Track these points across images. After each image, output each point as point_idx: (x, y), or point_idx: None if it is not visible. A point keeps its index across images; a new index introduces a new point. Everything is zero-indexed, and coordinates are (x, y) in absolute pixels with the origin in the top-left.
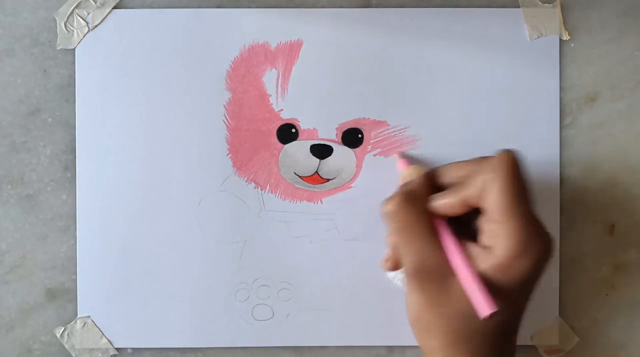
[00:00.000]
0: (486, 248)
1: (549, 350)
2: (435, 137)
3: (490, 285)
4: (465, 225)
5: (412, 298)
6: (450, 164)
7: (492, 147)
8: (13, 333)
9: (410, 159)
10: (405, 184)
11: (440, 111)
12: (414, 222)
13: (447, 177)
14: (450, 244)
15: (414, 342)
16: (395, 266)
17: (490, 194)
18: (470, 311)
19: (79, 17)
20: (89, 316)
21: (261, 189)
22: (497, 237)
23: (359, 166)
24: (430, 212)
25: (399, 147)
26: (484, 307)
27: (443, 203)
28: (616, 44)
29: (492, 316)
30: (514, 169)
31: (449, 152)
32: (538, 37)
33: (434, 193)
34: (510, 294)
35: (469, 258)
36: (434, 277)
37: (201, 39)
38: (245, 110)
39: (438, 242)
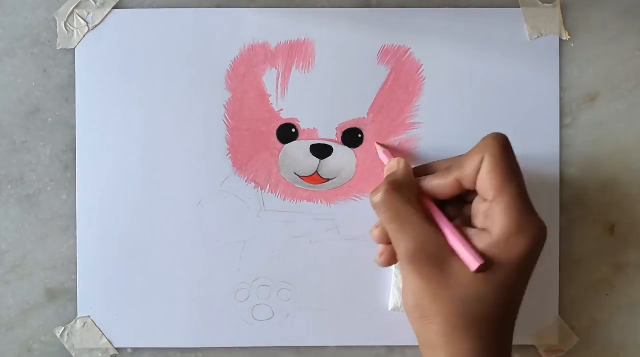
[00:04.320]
0: (482, 230)
1: (549, 350)
2: (435, 137)
3: (488, 264)
4: (457, 212)
5: (411, 285)
6: (435, 161)
7: None
8: (13, 333)
9: (392, 151)
10: (391, 175)
11: (440, 111)
12: (404, 209)
13: (434, 168)
14: (441, 220)
15: (414, 342)
16: (391, 259)
17: (482, 173)
18: (471, 293)
19: (79, 17)
20: (89, 316)
21: (261, 189)
22: (492, 217)
23: (359, 166)
24: (421, 199)
25: (399, 146)
26: (472, 261)
27: (436, 184)
28: (616, 44)
29: (480, 268)
30: (503, 148)
31: (448, 152)
32: (538, 37)
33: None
34: (508, 274)
35: (459, 230)
36: (433, 260)
37: (201, 39)
38: (245, 110)
39: (433, 225)
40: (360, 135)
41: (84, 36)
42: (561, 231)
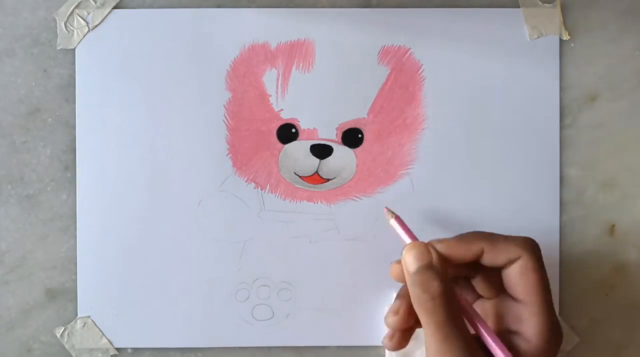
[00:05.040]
0: (514, 332)
1: None
2: (435, 137)
3: None
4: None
5: None
6: (460, 236)
7: (492, 146)
8: (13, 333)
9: (402, 222)
10: (433, 268)
11: (440, 111)
12: (457, 317)
13: (461, 249)
14: (478, 320)
15: None
16: (403, 343)
17: (519, 269)
18: None
19: (79, 17)
20: (89, 316)
21: (261, 189)
22: (528, 322)
23: (359, 166)
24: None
25: (398, 146)
26: None
27: (458, 250)
28: (616, 44)
29: None
30: (540, 254)
31: (448, 152)
32: (538, 37)
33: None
34: None
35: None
36: None
37: (201, 39)
38: (245, 110)
39: (473, 339)
40: (360, 135)
41: (84, 36)
42: (561, 231)
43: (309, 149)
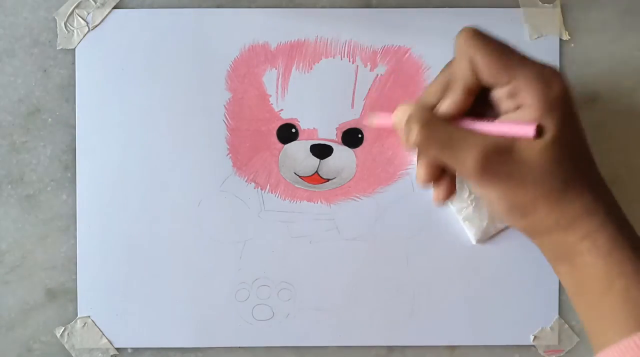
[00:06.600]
0: (518, 108)
1: (548, 350)
2: None
3: (542, 124)
4: None
5: (495, 191)
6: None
7: None
8: (13, 333)
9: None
10: (411, 114)
11: None
12: (446, 129)
13: (430, 98)
14: (475, 122)
15: (414, 342)
16: (449, 192)
17: (477, 58)
18: (551, 158)
19: (79, 17)
20: (89, 316)
21: (261, 189)
22: (520, 86)
23: (359, 166)
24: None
25: (398, 146)
26: (526, 130)
27: (449, 102)
28: (616, 44)
29: (538, 131)
30: (478, 32)
31: None
32: (538, 37)
33: None
34: (564, 120)
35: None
36: (500, 156)
37: (201, 39)
38: (245, 110)
39: (474, 131)
40: (360, 136)
41: (84, 36)
42: None
43: (309, 149)
